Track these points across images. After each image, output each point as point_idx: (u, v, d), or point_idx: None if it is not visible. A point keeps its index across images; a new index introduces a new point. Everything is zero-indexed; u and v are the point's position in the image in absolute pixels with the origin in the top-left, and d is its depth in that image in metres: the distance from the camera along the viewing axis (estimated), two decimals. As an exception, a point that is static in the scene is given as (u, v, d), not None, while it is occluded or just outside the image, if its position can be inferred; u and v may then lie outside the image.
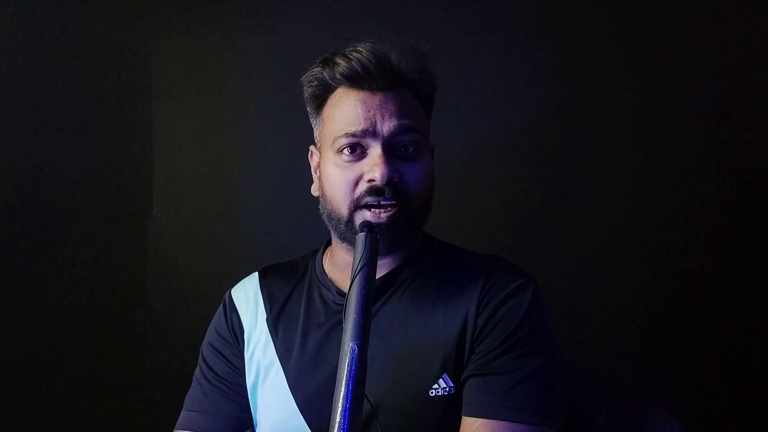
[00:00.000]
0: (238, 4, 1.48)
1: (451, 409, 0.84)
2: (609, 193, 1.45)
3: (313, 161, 0.97)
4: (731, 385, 1.42)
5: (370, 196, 0.85)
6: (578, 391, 1.01)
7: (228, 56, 1.49)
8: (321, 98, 0.93)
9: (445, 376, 0.84)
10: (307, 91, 0.94)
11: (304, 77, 0.94)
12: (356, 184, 0.86)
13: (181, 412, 0.98)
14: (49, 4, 1.46)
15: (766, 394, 1.42)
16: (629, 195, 1.45)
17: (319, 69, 0.91)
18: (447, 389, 0.83)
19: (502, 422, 0.80)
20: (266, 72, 1.49)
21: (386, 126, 0.86)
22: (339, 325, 0.88)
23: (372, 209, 0.85)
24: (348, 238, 0.89)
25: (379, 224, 0.84)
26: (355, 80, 0.88)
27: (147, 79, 1.48)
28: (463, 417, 0.83)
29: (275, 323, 0.95)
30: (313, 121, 0.97)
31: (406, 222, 0.86)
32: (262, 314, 0.96)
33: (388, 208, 0.85)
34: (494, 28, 1.46)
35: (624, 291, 1.44)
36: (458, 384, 0.84)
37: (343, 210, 0.87)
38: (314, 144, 0.97)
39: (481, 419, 0.81)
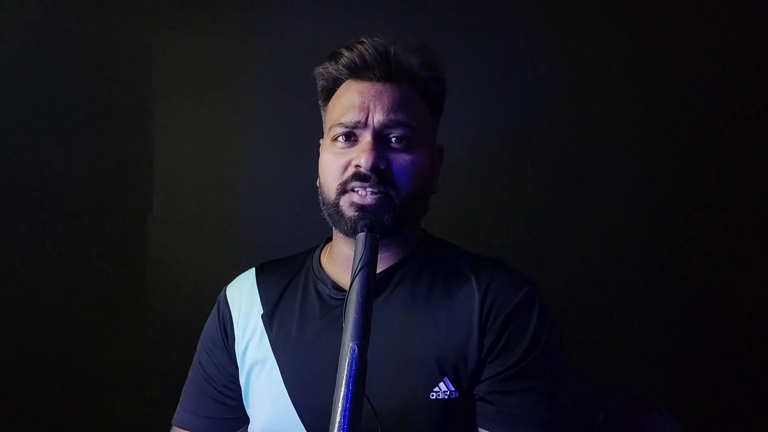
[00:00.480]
0: (238, 4, 1.48)
1: (453, 413, 0.84)
2: (609, 192, 1.45)
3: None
4: (732, 384, 1.42)
5: (355, 180, 0.86)
6: (578, 391, 1.01)
7: (228, 56, 1.49)
8: (331, 90, 0.95)
9: (446, 379, 0.84)
10: (318, 84, 0.97)
11: (315, 70, 0.96)
12: (345, 169, 0.88)
13: (178, 405, 1.01)
14: (49, 4, 1.46)
15: (767, 394, 1.42)
16: (630, 195, 1.45)
17: (327, 63, 0.94)
18: (448, 393, 0.84)
19: None
20: (266, 72, 1.49)
21: (377, 117, 0.87)
22: (335, 319, 0.89)
23: (358, 192, 0.86)
24: (336, 222, 0.89)
25: (363, 205, 0.85)
26: (356, 71, 0.90)
27: (147, 79, 1.48)
28: (480, 429, 0.85)
29: (270, 318, 0.95)
30: (322, 114, 0.98)
31: (392, 209, 0.86)
32: (258, 309, 0.96)
33: (375, 193, 0.86)
34: (494, 28, 1.46)
35: (624, 291, 1.44)
36: (461, 389, 0.84)
37: (332, 194, 0.89)
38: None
39: None
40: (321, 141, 0.98)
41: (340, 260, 0.94)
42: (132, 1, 1.47)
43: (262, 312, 0.96)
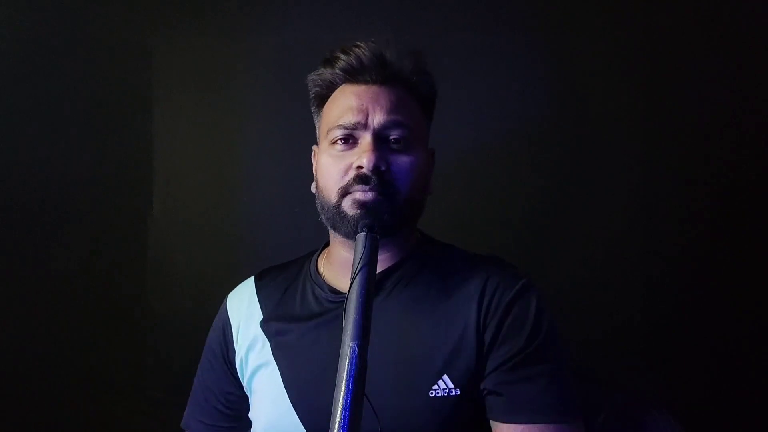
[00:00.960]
0: (239, 4, 1.48)
1: (455, 411, 0.84)
2: (609, 192, 1.45)
3: (315, 161, 0.98)
4: (732, 384, 1.42)
5: (357, 184, 0.87)
6: (578, 391, 1.01)
7: (228, 56, 1.49)
8: (324, 96, 0.95)
9: (445, 377, 0.84)
10: (312, 91, 0.97)
11: (309, 77, 0.96)
12: (346, 172, 0.88)
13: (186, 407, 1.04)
14: (49, 4, 1.46)
15: (767, 394, 1.42)
16: (629, 195, 1.45)
17: (322, 68, 0.94)
18: (447, 390, 0.84)
19: (537, 425, 0.82)
20: (266, 72, 1.49)
21: (377, 118, 0.88)
22: (332, 322, 0.90)
23: (360, 191, 0.87)
24: (337, 225, 0.89)
25: (366, 202, 0.85)
26: (352, 73, 0.91)
27: (147, 79, 1.48)
28: (495, 423, 0.85)
29: (269, 323, 0.96)
30: (315, 120, 0.99)
31: (392, 208, 0.87)
32: (258, 316, 0.97)
33: (375, 191, 0.86)
34: (494, 28, 1.46)
35: (624, 291, 1.44)
36: (461, 387, 0.84)
37: (333, 197, 0.89)
38: (317, 144, 0.98)
39: (515, 425, 0.83)
40: (314, 148, 0.98)
41: (337, 264, 0.95)
42: (132, 1, 1.47)
43: (261, 318, 0.97)
